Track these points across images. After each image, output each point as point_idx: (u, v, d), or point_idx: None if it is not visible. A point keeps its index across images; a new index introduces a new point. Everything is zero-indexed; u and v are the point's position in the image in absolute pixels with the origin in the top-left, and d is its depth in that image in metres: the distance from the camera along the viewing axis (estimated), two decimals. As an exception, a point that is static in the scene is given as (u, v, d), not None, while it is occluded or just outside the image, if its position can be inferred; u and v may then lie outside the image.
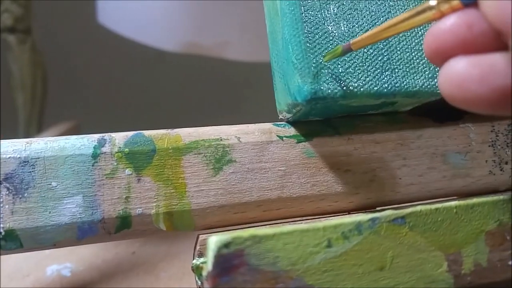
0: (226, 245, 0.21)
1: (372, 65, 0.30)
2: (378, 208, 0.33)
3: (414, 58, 0.31)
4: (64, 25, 1.04)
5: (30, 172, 0.27)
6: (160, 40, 0.75)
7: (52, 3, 0.99)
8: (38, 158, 0.28)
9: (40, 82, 0.81)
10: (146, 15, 0.73)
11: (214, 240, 0.21)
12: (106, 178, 0.28)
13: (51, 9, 0.99)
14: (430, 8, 0.22)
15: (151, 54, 0.86)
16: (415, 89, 0.30)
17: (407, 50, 0.31)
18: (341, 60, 0.29)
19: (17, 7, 0.76)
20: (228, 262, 0.21)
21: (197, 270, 0.27)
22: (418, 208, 0.25)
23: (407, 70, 0.30)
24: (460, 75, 0.20)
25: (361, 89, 0.29)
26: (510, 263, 0.27)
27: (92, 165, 0.28)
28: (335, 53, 0.28)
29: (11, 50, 0.78)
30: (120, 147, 0.29)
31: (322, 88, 0.28)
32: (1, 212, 0.26)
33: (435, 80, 0.31)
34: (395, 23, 0.24)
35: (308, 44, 0.29)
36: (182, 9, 0.71)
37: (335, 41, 0.29)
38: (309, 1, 0.29)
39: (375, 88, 0.29)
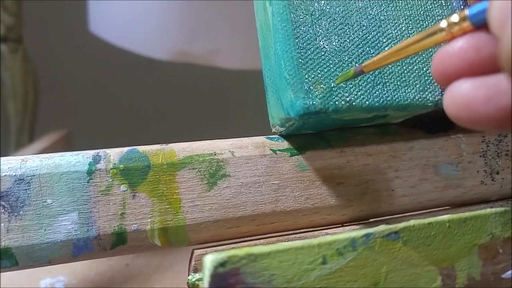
0: (222, 264, 0.21)
1: (364, 79, 0.30)
2: (371, 220, 0.33)
3: (405, 72, 0.31)
4: (56, 33, 1.03)
5: (26, 189, 0.27)
6: (151, 49, 0.75)
7: (43, 12, 0.99)
8: (34, 175, 0.28)
9: (31, 91, 0.81)
10: (137, 24, 0.73)
11: (210, 259, 0.21)
12: (101, 194, 0.28)
13: (42, 18, 0.99)
14: (441, 30, 0.22)
15: (142, 62, 0.86)
16: (406, 102, 0.31)
17: (398, 63, 0.31)
18: (333, 75, 0.29)
19: (8, 17, 0.76)
20: (224, 281, 0.21)
21: (193, 287, 0.27)
22: (411, 222, 0.26)
23: (398, 83, 0.31)
24: (465, 97, 0.20)
25: (353, 103, 0.29)
26: (503, 276, 0.28)
27: (87, 182, 0.28)
28: (347, 76, 0.29)
29: (2, 59, 0.78)
30: (115, 164, 0.29)
31: (314, 103, 0.29)
32: (-4, 231, 0.27)
33: (426, 93, 0.31)
34: (406, 45, 0.24)
35: (300, 60, 0.29)
36: (173, 17, 0.71)
37: (327, 56, 0.30)
38: (300, 16, 0.30)
39: (366, 102, 0.30)
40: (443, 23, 0.22)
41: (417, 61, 0.31)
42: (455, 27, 0.22)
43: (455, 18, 0.21)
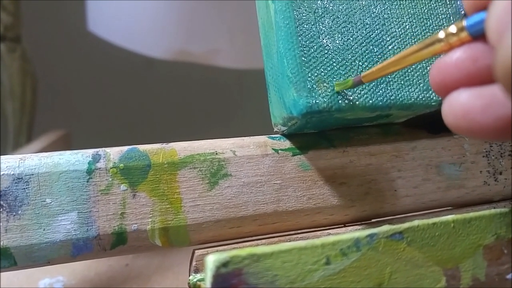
0: (225, 264, 0.21)
1: (367, 78, 0.30)
2: (373, 220, 0.33)
3: (409, 71, 0.31)
4: (54, 33, 1.03)
5: (24, 189, 0.27)
6: (150, 48, 0.74)
7: (42, 11, 0.98)
8: (32, 174, 0.27)
9: (30, 91, 0.81)
10: (136, 23, 0.72)
11: (212, 259, 0.21)
12: (101, 194, 0.28)
13: (41, 17, 0.98)
14: (439, 40, 0.22)
15: (142, 61, 0.86)
16: (410, 101, 0.30)
17: (401, 62, 0.31)
18: (336, 73, 0.29)
19: (6, 16, 0.76)
20: (226, 281, 0.21)
21: (194, 287, 0.27)
22: (416, 223, 0.25)
23: (402, 82, 0.30)
24: (463, 107, 0.21)
25: (356, 102, 0.29)
26: (508, 277, 0.27)
27: (87, 181, 0.28)
28: (345, 85, 0.28)
29: (0, 59, 0.77)
30: (115, 163, 0.29)
31: (317, 102, 0.28)
32: (-6, 230, 0.26)
33: (430, 93, 0.31)
34: (405, 56, 0.24)
35: (303, 58, 0.29)
36: (172, 16, 0.71)
37: (330, 54, 0.29)
38: (303, 14, 0.29)
39: (370, 101, 0.29)
40: (441, 34, 0.22)
41: (420, 60, 0.31)
42: (453, 37, 0.22)
43: (453, 28, 0.22)
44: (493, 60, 0.19)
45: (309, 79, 0.28)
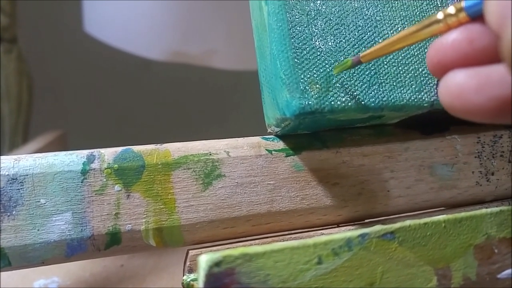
0: (217, 263, 0.21)
1: (360, 79, 0.30)
2: (366, 221, 0.33)
3: (401, 72, 0.31)
4: (50, 34, 1.03)
5: (19, 189, 0.27)
6: (146, 49, 0.74)
7: (38, 12, 0.98)
8: (27, 175, 0.27)
9: (26, 92, 0.81)
10: (132, 24, 0.72)
11: (205, 259, 0.21)
12: (95, 194, 0.28)
13: (37, 18, 0.98)
14: (438, 21, 0.22)
15: (138, 63, 0.86)
16: (402, 103, 0.31)
17: (394, 64, 0.31)
18: (328, 75, 0.29)
19: (2, 17, 0.75)
20: (219, 281, 0.21)
21: (187, 287, 0.27)
22: (407, 223, 0.26)
23: (394, 84, 0.31)
24: (458, 86, 0.21)
25: (349, 103, 0.29)
26: (498, 276, 0.28)
27: (81, 182, 0.28)
28: (344, 66, 0.29)
29: (-4, 60, 0.78)
30: (109, 163, 0.29)
31: (310, 103, 0.28)
32: (-11, 231, 0.26)
33: (422, 94, 0.31)
34: (404, 36, 0.24)
35: (296, 60, 0.29)
36: (169, 18, 0.71)
37: (322, 56, 0.30)
38: (296, 16, 0.30)
39: (362, 102, 0.30)
40: (440, 15, 0.22)
41: (412, 62, 0.31)
42: (451, 18, 0.22)
43: (451, 9, 0.22)
44: (499, 40, 0.19)
45: (301, 80, 0.29)
